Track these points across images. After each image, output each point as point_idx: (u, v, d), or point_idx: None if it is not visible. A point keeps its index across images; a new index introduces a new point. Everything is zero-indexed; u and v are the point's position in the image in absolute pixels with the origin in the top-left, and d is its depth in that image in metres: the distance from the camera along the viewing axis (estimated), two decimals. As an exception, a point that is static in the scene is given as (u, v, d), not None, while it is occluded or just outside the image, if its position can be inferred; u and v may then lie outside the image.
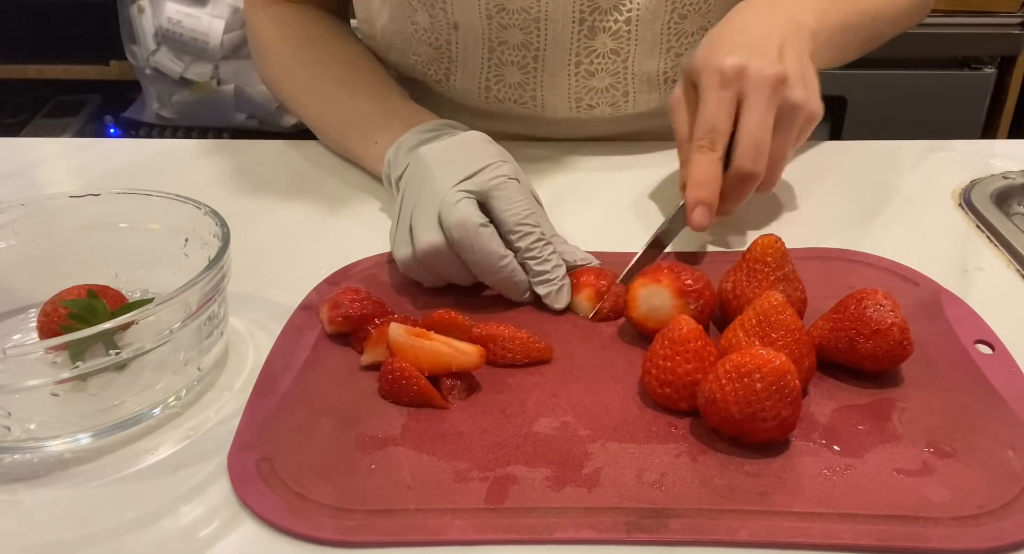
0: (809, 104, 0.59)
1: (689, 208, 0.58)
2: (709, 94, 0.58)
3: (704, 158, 0.58)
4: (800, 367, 0.46)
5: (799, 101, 0.58)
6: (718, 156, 0.58)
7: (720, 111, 0.58)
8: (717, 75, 0.58)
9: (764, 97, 0.57)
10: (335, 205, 0.70)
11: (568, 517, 0.40)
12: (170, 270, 0.54)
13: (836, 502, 0.41)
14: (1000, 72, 1.81)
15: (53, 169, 0.79)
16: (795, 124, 0.59)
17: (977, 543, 0.39)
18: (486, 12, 0.70)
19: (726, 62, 0.58)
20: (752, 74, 0.57)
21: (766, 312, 0.46)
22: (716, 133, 0.58)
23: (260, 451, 0.44)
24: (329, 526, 0.40)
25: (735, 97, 0.58)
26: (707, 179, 0.58)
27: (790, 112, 0.58)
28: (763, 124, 0.58)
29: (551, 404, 0.48)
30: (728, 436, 0.44)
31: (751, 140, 0.58)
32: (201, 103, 1.84)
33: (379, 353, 0.50)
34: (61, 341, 0.42)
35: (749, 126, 0.58)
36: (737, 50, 0.58)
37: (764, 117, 0.57)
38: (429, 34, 0.74)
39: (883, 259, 0.60)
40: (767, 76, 0.57)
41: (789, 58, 0.59)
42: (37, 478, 0.44)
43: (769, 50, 0.58)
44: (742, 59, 0.57)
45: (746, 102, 0.58)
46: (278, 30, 0.78)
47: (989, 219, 0.65)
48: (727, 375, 0.43)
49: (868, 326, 0.47)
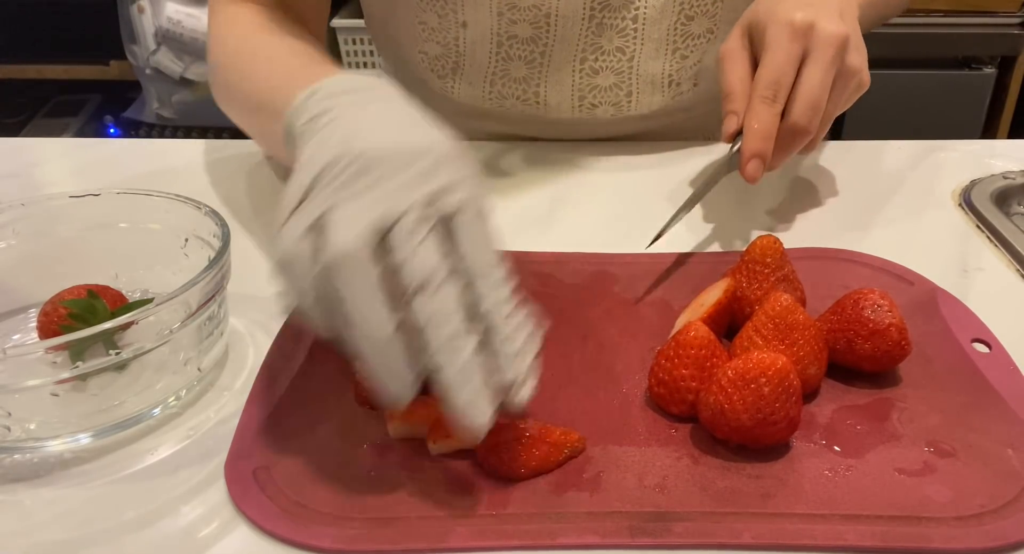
0: (863, 71, 0.60)
1: (745, 159, 0.58)
2: (778, 45, 0.58)
3: (766, 109, 0.58)
4: (820, 364, 0.47)
5: (856, 65, 0.59)
6: (779, 108, 0.58)
7: (788, 64, 0.58)
8: (787, 27, 0.58)
9: (829, 56, 0.58)
10: (335, 205, 0.70)
11: (570, 522, 0.40)
12: (170, 270, 0.54)
13: (838, 503, 0.41)
14: (1000, 72, 1.81)
15: (53, 169, 0.79)
16: (847, 88, 0.60)
17: (980, 542, 0.39)
18: (496, 10, 0.70)
19: (796, 16, 0.58)
20: (820, 31, 0.58)
21: (780, 315, 0.46)
22: (780, 86, 0.58)
23: (257, 460, 0.44)
24: (329, 535, 0.40)
25: (801, 52, 0.58)
26: (766, 131, 0.58)
27: (846, 75, 0.59)
28: (824, 83, 0.58)
29: (551, 408, 0.47)
30: (736, 445, 0.44)
31: (811, 96, 0.58)
32: (201, 103, 1.84)
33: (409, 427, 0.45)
34: (61, 341, 0.42)
35: (811, 82, 0.58)
36: (803, 7, 0.59)
37: (826, 76, 0.58)
38: (437, 33, 0.74)
39: (877, 258, 0.60)
40: (834, 35, 0.57)
41: (848, 22, 0.59)
42: (37, 478, 0.44)
43: (832, 11, 0.59)
44: (811, 16, 0.58)
45: (811, 58, 0.58)
46: (224, 27, 0.70)
47: (989, 219, 0.65)
48: (732, 384, 0.42)
49: (866, 327, 0.47)
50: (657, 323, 0.54)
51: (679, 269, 0.60)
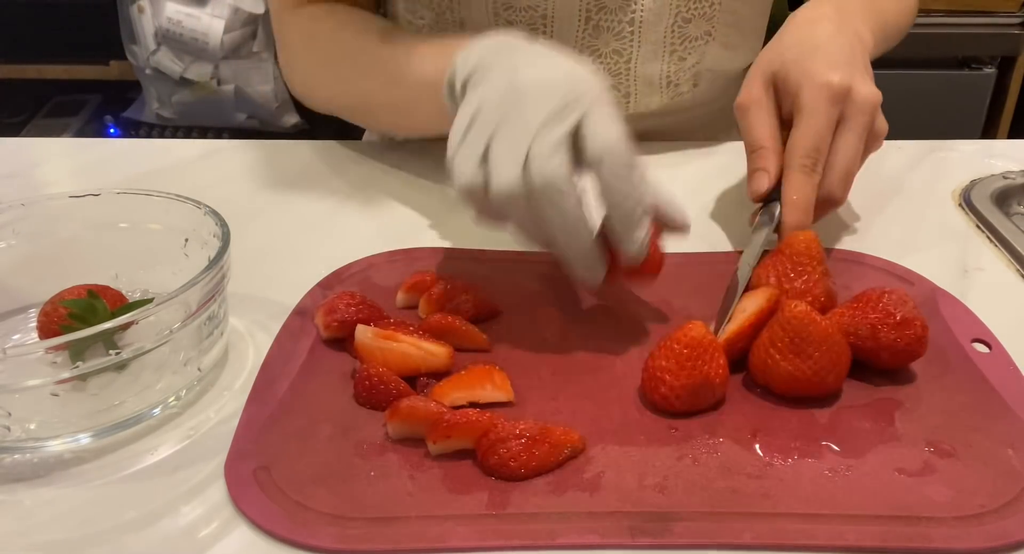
0: (884, 133, 0.58)
1: (786, 232, 0.56)
2: (817, 110, 0.56)
3: (806, 180, 0.56)
4: (839, 370, 0.46)
5: (884, 129, 0.57)
6: (818, 179, 0.56)
7: (828, 131, 0.56)
8: (826, 90, 0.56)
9: (864, 123, 0.56)
10: (335, 205, 0.70)
11: (571, 522, 0.40)
12: (170, 270, 0.54)
13: (839, 503, 0.41)
14: (1000, 72, 1.81)
15: (53, 169, 0.79)
16: (871, 150, 0.58)
17: (981, 542, 0.39)
18: (493, 10, 0.70)
19: (833, 79, 0.56)
20: (857, 96, 0.56)
21: (796, 328, 0.46)
22: (820, 154, 0.56)
23: (257, 460, 0.44)
24: (329, 535, 0.40)
25: (839, 117, 0.56)
26: (807, 203, 0.56)
27: (875, 141, 0.58)
28: (859, 151, 0.56)
29: (551, 408, 0.47)
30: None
31: (847, 167, 0.56)
32: (201, 103, 1.84)
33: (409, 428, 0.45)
34: (61, 341, 0.42)
35: (847, 152, 0.56)
36: (839, 67, 0.56)
37: (860, 143, 0.56)
38: (434, 31, 0.74)
39: (878, 258, 0.60)
40: (870, 101, 0.56)
41: (871, 77, 0.58)
42: (37, 478, 0.44)
43: (862, 69, 0.57)
44: (847, 78, 0.56)
45: (847, 126, 0.56)
46: (310, 26, 0.74)
47: (989, 219, 0.65)
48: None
49: (893, 317, 0.47)
50: (657, 323, 0.54)
51: (679, 269, 0.60)
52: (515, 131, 0.48)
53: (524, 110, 0.48)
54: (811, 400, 0.47)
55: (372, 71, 0.68)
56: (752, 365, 0.48)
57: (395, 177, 0.73)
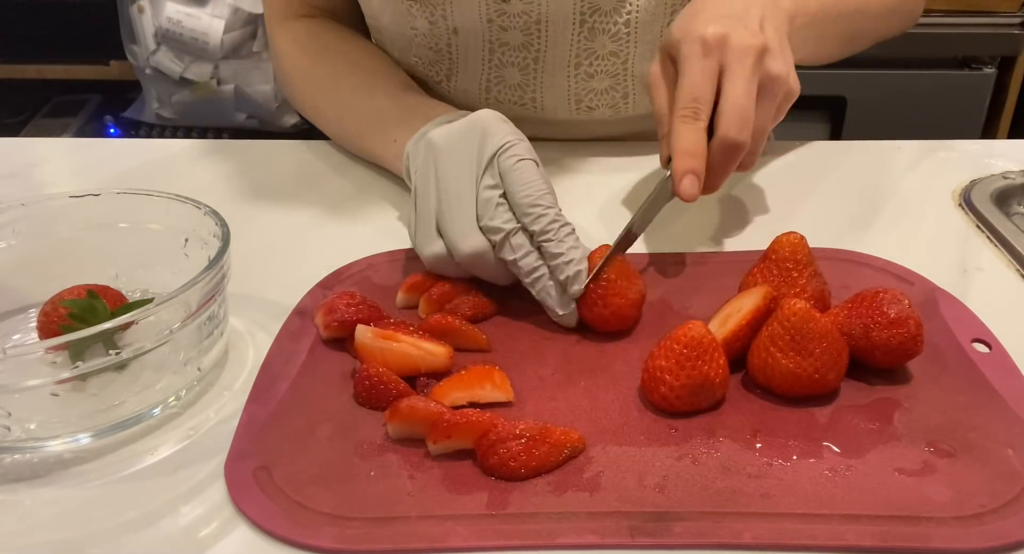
0: (790, 78, 0.58)
1: (677, 178, 0.56)
2: (691, 62, 0.57)
3: (688, 127, 0.56)
4: (839, 368, 0.46)
5: (780, 73, 0.57)
6: (702, 125, 0.56)
7: (703, 79, 0.56)
8: (698, 43, 0.56)
9: (747, 66, 0.56)
10: (335, 205, 0.70)
11: (570, 522, 0.40)
12: (170, 270, 0.54)
13: (838, 503, 0.41)
14: (1000, 72, 1.81)
15: (53, 169, 0.79)
16: (776, 97, 0.57)
17: (980, 542, 0.39)
18: (486, 16, 0.70)
19: (707, 31, 0.56)
20: (734, 43, 0.56)
21: (796, 325, 0.46)
22: (700, 102, 0.56)
23: (257, 459, 0.44)
24: (329, 534, 0.40)
25: (717, 66, 0.56)
26: (693, 148, 0.56)
27: (771, 84, 0.57)
28: (748, 92, 0.56)
29: (550, 408, 0.47)
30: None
31: (736, 108, 0.56)
32: (201, 103, 1.84)
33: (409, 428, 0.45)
34: (61, 341, 0.42)
35: (733, 94, 0.56)
36: (718, 20, 0.57)
37: (748, 85, 0.56)
38: (428, 38, 0.74)
39: (878, 258, 0.60)
40: (749, 45, 0.56)
41: (768, 31, 0.57)
42: (37, 478, 0.44)
43: (749, 22, 0.57)
44: (724, 28, 0.56)
45: (728, 71, 0.56)
46: (295, 46, 0.78)
47: (989, 219, 0.65)
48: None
49: (886, 316, 0.47)
50: (657, 323, 0.54)
51: (679, 269, 0.60)
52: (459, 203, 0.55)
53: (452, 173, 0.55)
54: (811, 400, 0.47)
55: (344, 122, 0.75)
56: (752, 365, 0.48)
57: (395, 177, 0.73)
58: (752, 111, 0.56)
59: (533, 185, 0.54)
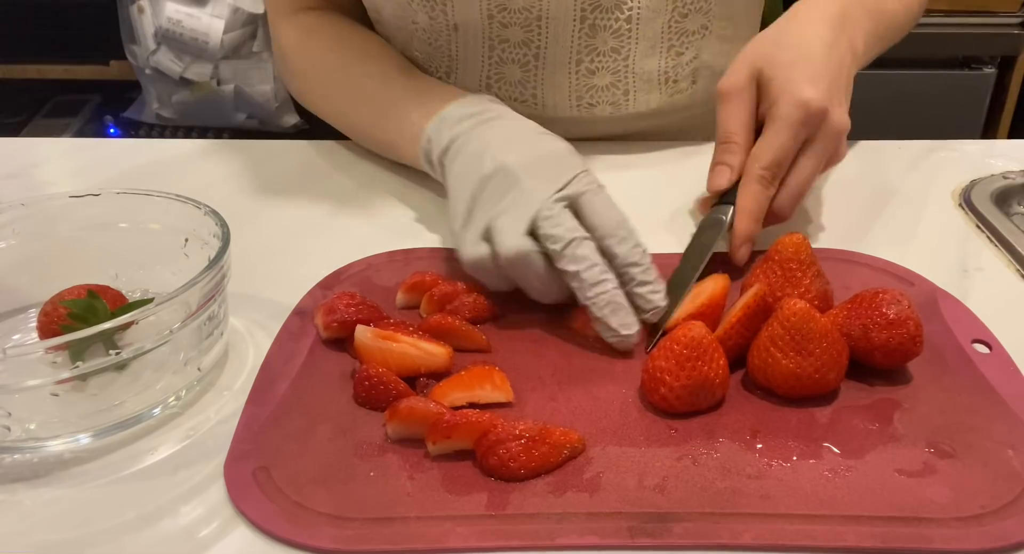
0: (842, 158, 0.60)
1: (737, 242, 0.58)
2: (788, 126, 0.57)
3: (762, 191, 0.57)
4: (839, 368, 0.46)
5: (843, 154, 0.59)
6: (773, 192, 0.58)
7: (793, 148, 0.57)
8: (802, 109, 0.56)
9: (828, 149, 0.57)
10: (336, 205, 0.70)
11: (570, 523, 0.40)
12: (170, 270, 0.54)
13: (839, 504, 0.41)
14: (1000, 72, 1.81)
15: (53, 169, 0.79)
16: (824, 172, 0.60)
17: (980, 543, 0.39)
18: (487, 12, 0.70)
19: (813, 99, 0.56)
20: (831, 123, 0.57)
21: (796, 325, 0.46)
22: (782, 168, 0.57)
23: (257, 460, 0.44)
24: (328, 535, 0.40)
25: (807, 137, 0.57)
26: (760, 213, 0.57)
27: (832, 163, 0.59)
28: (815, 174, 0.58)
29: (551, 408, 0.47)
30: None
31: (800, 188, 0.58)
32: (201, 103, 1.84)
33: (408, 428, 0.45)
34: (61, 341, 0.42)
35: (804, 173, 0.57)
36: (819, 82, 0.57)
37: (819, 167, 0.58)
38: (428, 34, 0.74)
39: (877, 259, 0.60)
40: (840, 131, 0.57)
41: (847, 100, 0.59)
42: (37, 478, 0.44)
43: (841, 88, 0.58)
44: (825, 100, 0.56)
45: (812, 148, 0.57)
46: (303, 38, 0.78)
47: (989, 219, 0.65)
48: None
49: (884, 317, 0.47)
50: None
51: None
52: (518, 207, 0.53)
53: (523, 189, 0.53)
54: (811, 400, 0.47)
55: (357, 109, 0.73)
56: (752, 365, 0.48)
57: (395, 177, 0.73)
58: (808, 190, 0.58)
59: (617, 209, 0.54)
